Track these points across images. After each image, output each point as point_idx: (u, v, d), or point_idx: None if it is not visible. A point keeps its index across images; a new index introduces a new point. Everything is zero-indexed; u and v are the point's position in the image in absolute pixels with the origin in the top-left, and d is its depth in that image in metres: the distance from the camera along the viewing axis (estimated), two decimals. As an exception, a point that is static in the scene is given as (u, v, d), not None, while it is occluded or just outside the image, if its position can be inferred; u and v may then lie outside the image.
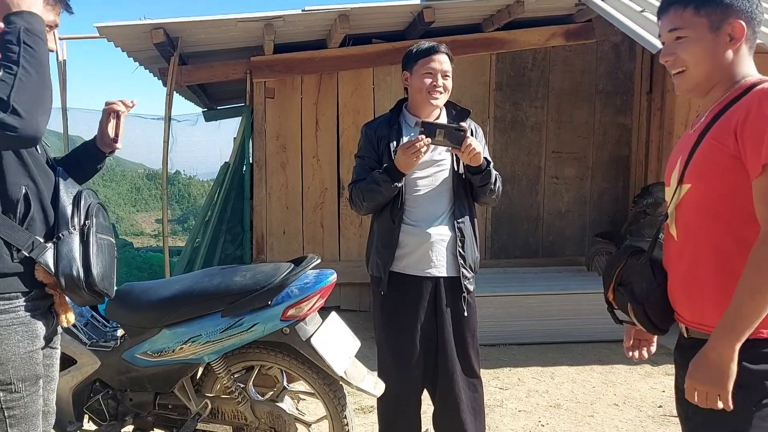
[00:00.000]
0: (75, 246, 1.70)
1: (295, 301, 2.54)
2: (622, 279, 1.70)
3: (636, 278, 1.66)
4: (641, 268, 1.66)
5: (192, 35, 5.22)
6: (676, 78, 1.62)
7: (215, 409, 2.71)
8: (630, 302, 1.66)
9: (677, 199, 1.60)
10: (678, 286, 1.61)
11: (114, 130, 2.04)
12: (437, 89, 2.62)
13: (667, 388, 4.08)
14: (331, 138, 5.85)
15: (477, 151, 2.51)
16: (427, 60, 2.61)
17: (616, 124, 6.27)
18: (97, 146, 2.06)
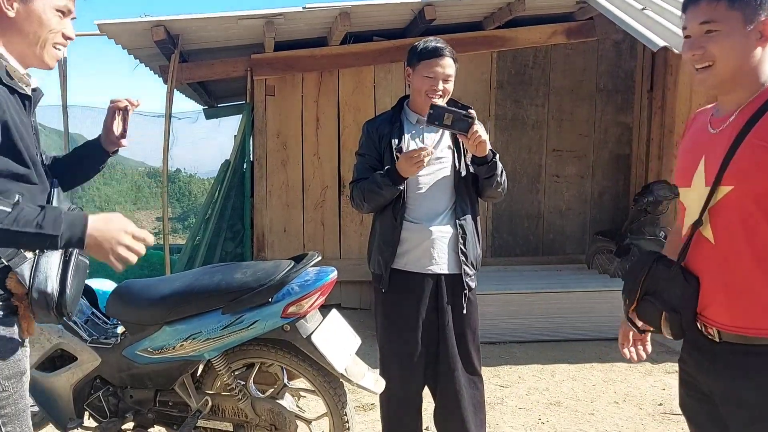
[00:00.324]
0: (54, 262, 1.64)
1: (296, 298, 2.54)
2: (647, 288, 1.67)
3: (667, 286, 1.62)
4: (673, 275, 1.62)
5: (193, 33, 5.22)
6: (701, 73, 1.56)
7: (215, 406, 2.71)
8: (665, 311, 1.61)
9: (713, 201, 1.56)
10: (716, 291, 1.57)
11: (120, 126, 1.98)
12: (437, 93, 2.61)
13: (667, 386, 4.08)
14: (331, 136, 5.85)
15: (483, 138, 2.51)
16: (431, 62, 2.60)
17: (617, 123, 6.26)
18: (101, 145, 1.99)
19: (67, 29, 1.70)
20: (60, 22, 1.67)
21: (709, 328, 1.59)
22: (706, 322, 1.60)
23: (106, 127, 1.97)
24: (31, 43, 1.64)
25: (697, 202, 1.60)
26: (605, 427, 3.54)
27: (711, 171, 1.57)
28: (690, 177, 1.65)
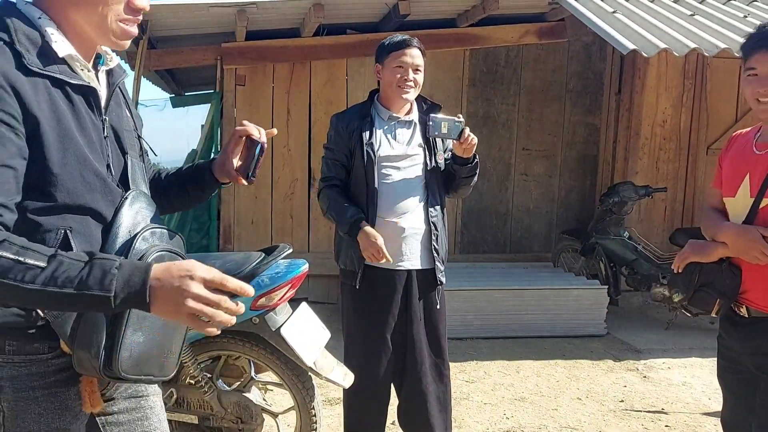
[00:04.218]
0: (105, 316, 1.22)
1: (266, 290, 2.52)
2: (702, 281, 2.06)
3: (719, 278, 2.02)
4: (726, 268, 2.02)
5: (162, 19, 5.11)
6: (763, 105, 1.95)
7: (180, 398, 2.67)
8: (720, 298, 2.02)
9: (755, 209, 1.95)
10: (755, 280, 1.97)
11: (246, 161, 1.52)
12: (408, 83, 2.61)
13: (629, 383, 4.16)
14: (302, 128, 5.81)
15: (475, 142, 2.56)
16: (398, 53, 2.61)
17: (585, 124, 6.35)
18: (213, 172, 1.57)
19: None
20: None
21: (741, 307, 2.01)
22: (744, 303, 1.99)
23: (225, 153, 1.54)
24: (91, 19, 1.26)
25: (742, 209, 1.99)
26: (568, 423, 3.59)
27: (755, 185, 1.96)
28: (735, 189, 2.03)
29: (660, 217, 6.06)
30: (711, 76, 5.91)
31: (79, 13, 1.24)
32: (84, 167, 1.23)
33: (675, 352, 4.74)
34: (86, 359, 1.20)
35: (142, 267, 1.13)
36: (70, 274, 1.10)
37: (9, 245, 1.09)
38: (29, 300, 1.12)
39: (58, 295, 1.09)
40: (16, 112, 1.15)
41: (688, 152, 6.02)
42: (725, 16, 5.21)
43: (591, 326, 5.07)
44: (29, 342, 1.24)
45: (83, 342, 1.20)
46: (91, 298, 1.10)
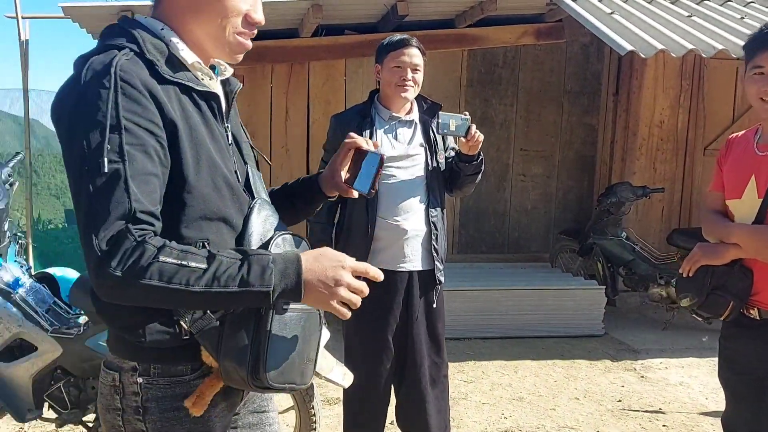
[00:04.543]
0: (250, 322, 1.21)
1: (266, 290, 2.51)
2: (714, 284, 2.07)
3: (732, 280, 2.04)
4: (738, 271, 2.03)
5: (161, 19, 5.11)
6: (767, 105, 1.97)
7: (180, 399, 2.67)
8: (733, 300, 2.03)
9: (765, 209, 1.97)
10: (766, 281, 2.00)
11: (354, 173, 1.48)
12: (407, 83, 2.62)
13: (626, 383, 4.17)
14: (301, 128, 5.81)
15: (481, 139, 2.58)
16: (397, 53, 2.61)
17: (583, 124, 6.37)
18: (319, 185, 1.53)
19: (255, 11, 1.29)
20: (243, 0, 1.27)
21: (751, 309, 2.03)
22: (756, 305, 2.02)
23: (333, 166, 1.50)
24: (209, 30, 1.26)
25: (749, 211, 2.01)
26: (566, 422, 3.60)
27: (763, 185, 1.98)
28: (741, 191, 2.03)
29: (657, 217, 6.08)
30: (708, 77, 5.93)
31: (198, 25, 1.26)
32: (215, 174, 1.24)
33: (672, 352, 4.76)
34: (233, 370, 1.20)
35: (294, 259, 1.16)
36: (231, 272, 1.10)
37: (170, 250, 1.09)
38: (192, 302, 1.13)
39: (221, 294, 1.10)
40: (157, 120, 1.15)
41: (685, 153, 6.04)
42: (722, 18, 5.23)
43: (589, 326, 5.08)
44: (173, 364, 1.25)
45: (229, 352, 1.19)
46: (253, 295, 1.11)
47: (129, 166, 1.10)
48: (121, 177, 1.09)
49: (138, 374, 1.25)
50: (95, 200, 1.08)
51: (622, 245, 5.42)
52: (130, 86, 1.13)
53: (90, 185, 1.09)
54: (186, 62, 1.25)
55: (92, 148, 1.10)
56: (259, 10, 1.30)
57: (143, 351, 1.24)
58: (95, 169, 1.09)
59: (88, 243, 1.07)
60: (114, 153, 1.09)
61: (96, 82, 1.12)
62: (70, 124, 1.14)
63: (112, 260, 1.06)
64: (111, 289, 1.08)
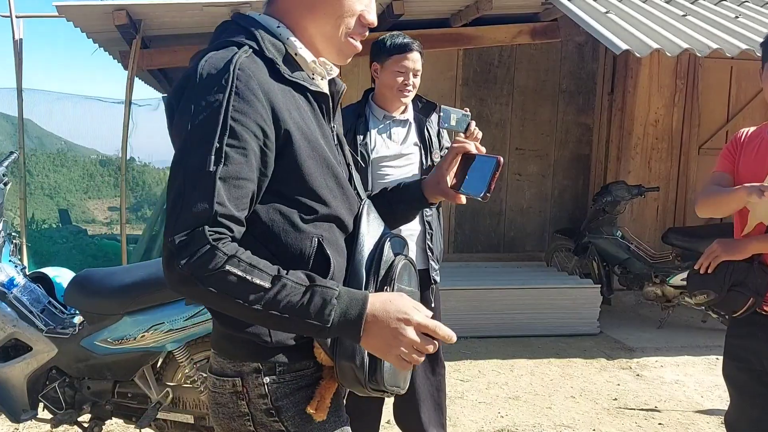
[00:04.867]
0: None
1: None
2: (734, 281, 2.07)
3: (751, 277, 2.04)
4: (757, 267, 2.05)
5: (156, 18, 5.10)
6: None
7: (176, 398, 2.67)
8: (752, 297, 2.04)
9: None
10: None
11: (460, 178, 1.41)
12: (407, 88, 2.62)
13: (622, 381, 4.18)
14: (296, 128, 5.79)
15: (480, 136, 2.58)
16: (401, 57, 2.61)
17: (578, 123, 6.38)
18: (422, 191, 1.47)
19: (369, 12, 1.27)
20: (359, 1, 1.25)
21: (765, 306, 2.05)
22: None
23: (440, 171, 1.43)
24: (324, 30, 1.24)
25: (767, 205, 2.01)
26: (562, 421, 3.61)
27: None
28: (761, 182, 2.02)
29: (652, 216, 6.09)
30: (703, 76, 5.95)
31: (313, 24, 1.24)
32: (328, 174, 1.22)
33: (667, 350, 4.77)
34: (349, 370, 1.18)
35: (360, 300, 1.12)
36: (292, 299, 1.08)
37: (238, 262, 1.07)
38: (248, 317, 1.12)
39: (275, 317, 1.09)
40: (267, 123, 1.13)
41: (680, 152, 6.06)
42: (717, 17, 5.25)
43: (584, 325, 5.09)
44: (296, 359, 1.24)
45: (346, 353, 1.18)
46: (307, 326, 1.10)
47: (223, 168, 1.08)
48: (212, 177, 1.07)
49: (263, 374, 1.22)
50: (183, 195, 1.08)
51: (618, 244, 5.43)
52: (245, 87, 1.11)
53: (182, 183, 1.09)
54: (305, 61, 1.23)
55: (194, 146, 1.09)
56: (373, 11, 1.27)
57: (267, 350, 1.22)
58: (192, 164, 1.09)
59: (166, 234, 1.09)
60: (217, 155, 1.08)
61: (213, 79, 1.11)
62: (181, 117, 1.13)
63: (181, 257, 1.06)
64: (176, 283, 1.08)
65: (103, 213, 13.82)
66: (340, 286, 1.14)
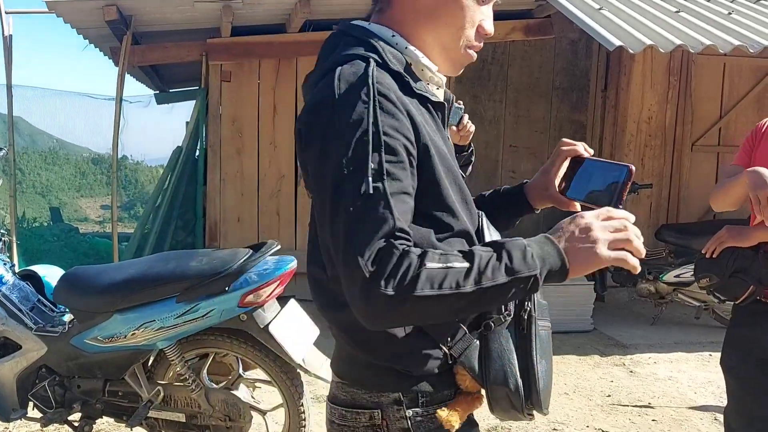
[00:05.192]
0: (510, 342, 1.15)
1: (254, 287, 2.50)
2: (736, 267, 2.10)
3: (756, 265, 2.06)
4: (762, 256, 2.06)
5: (146, 14, 5.06)
6: None
7: (168, 397, 2.64)
8: (753, 284, 2.06)
9: None
10: None
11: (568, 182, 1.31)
12: None
13: (615, 378, 4.18)
14: (289, 124, 5.77)
15: (472, 130, 2.55)
16: None
17: (572, 120, 6.38)
18: (526, 196, 1.39)
19: (488, 22, 1.21)
20: (479, 10, 1.18)
21: None
22: None
23: (547, 176, 1.34)
24: (442, 40, 1.18)
25: None
26: (556, 418, 3.60)
27: None
28: None
29: (645, 213, 6.10)
30: (696, 73, 5.96)
31: (432, 34, 1.17)
32: (455, 188, 1.16)
33: (661, 347, 4.77)
34: (503, 395, 1.12)
35: (540, 237, 1.07)
36: (493, 264, 1.01)
37: (432, 255, 1.01)
38: (463, 306, 1.03)
39: (490, 290, 1.01)
40: (412, 136, 1.08)
41: (673, 149, 6.07)
42: (710, 13, 5.25)
43: (578, 322, 5.09)
44: (439, 389, 1.16)
45: (497, 376, 1.12)
46: (521, 282, 1.02)
47: (389, 184, 1.02)
48: (382, 195, 1.01)
49: (405, 406, 1.14)
50: (356, 221, 1.00)
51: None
52: (387, 100, 1.05)
53: (350, 206, 1.01)
54: (425, 70, 1.17)
55: (353, 166, 1.02)
56: (491, 20, 1.21)
57: (410, 379, 1.15)
58: (356, 189, 1.01)
59: (352, 266, 0.99)
60: (376, 172, 1.01)
61: (353, 95, 1.04)
62: (326, 139, 1.05)
63: (381, 279, 0.97)
64: (383, 311, 0.99)
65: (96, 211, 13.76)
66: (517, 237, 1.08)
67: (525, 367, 1.13)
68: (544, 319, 1.20)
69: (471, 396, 1.17)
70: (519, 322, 1.17)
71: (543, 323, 1.19)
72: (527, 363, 1.14)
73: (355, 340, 1.16)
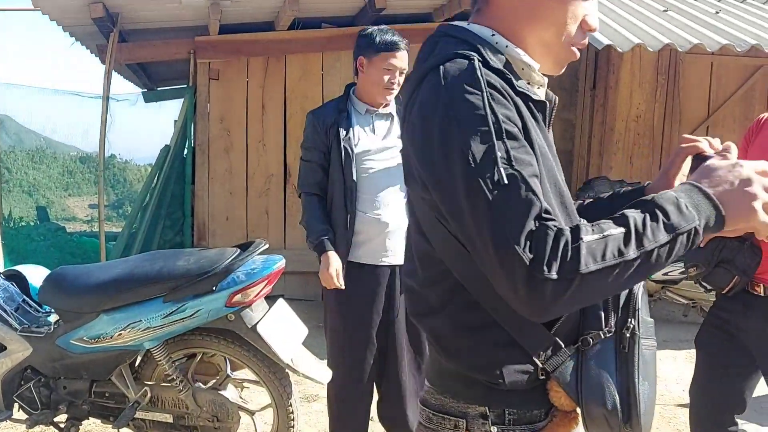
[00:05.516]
0: (610, 360, 1.09)
1: (241, 287, 2.48)
2: (722, 258, 2.12)
3: (740, 256, 2.08)
4: (748, 247, 2.08)
5: (133, 12, 5.02)
6: None
7: (155, 397, 2.62)
8: (738, 275, 2.10)
9: None
10: None
11: None
12: (393, 86, 2.61)
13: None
14: (277, 122, 5.75)
15: None
16: (390, 55, 2.58)
17: (560, 119, 6.38)
18: None
19: (592, 17, 1.15)
20: (582, 5, 1.13)
21: (756, 286, 2.11)
22: (762, 283, 2.10)
23: (667, 177, 1.24)
24: (543, 37, 1.14)
25: None
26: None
27: None
28: None
29: (634, 211, 6.12)
30: (683, 72, 5.98)
31: (533, 32, 1.14)
32: (554, 191, 1.11)
33: (649, 344, 4.79)
34: (600, 415, 1.06)
35: (685, 186, 1.01)
36: (650, 223, 0.96)
37: (585, 227, 0.96)
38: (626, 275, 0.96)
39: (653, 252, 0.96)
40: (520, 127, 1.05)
41: (661, 147, 6.09)
42: (697, 12, 5.28)
43: (567, 320, 5.09)
44: (528, 408, 1.11)
45: (594, 394, 1.06)
46: (683, 237, 0.97)
47: (522, 168, 0.98)
48: (520, 180, 0.97)
49: (490, 422, 1.10)
50: (501, 211, 0.97)
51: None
52: (497, 92, 1.03)
53: (489, 198, 0.97)
54: (528, 69, 1.14)
55: (482, 158, 0.98)
56: (595, 16, 1.16)
57: (498, 394, 1.10)
58: (490, 180, 0.97)
59: (508, 258, 0.95)
60: (506, 160, 0.98)
61: (464, 89, 1.02)
62: (444, 137, 1.02)
63: (542, 264, 0.93)
64: (552, 298, 0.94)
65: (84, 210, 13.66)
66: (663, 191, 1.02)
67: (625, 388, 1.07)
68: (649, 337, 1.13)
69: (568, 416, 1.11)
70: (621, 339, 1.11)
71: (648, 342, 1.12)
72: (628, 383, 1.08)
73: (442, 348, 1.14)
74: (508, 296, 0.97)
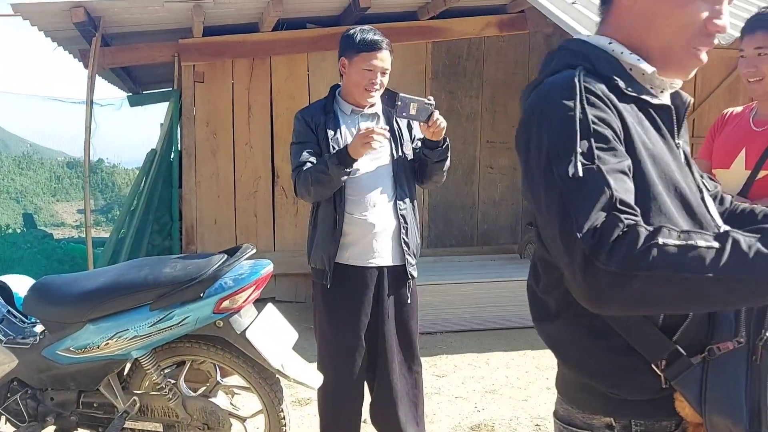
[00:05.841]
0: (741, 372, 1.02)
1: (229, 293, 2.45)
2: None
3: None
4: None
5: (115, 15, 4.97)
6: (753, 84, 2.14)
7: (144, 406, 2.59)
8: None
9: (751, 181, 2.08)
10: None
11: None
12: (374, 87, 2.58)
13: (597, 371, 4.19)
14: (264, 124, 5.71)
15: (443, 126, 2.50)
16: (370, 56, 2.55)
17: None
18: None
19: (718, 17, 1.11)
20: (703, 6, 1.10)
21: None
22: None
23: None
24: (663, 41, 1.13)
25: (736, 181, 2.12)
26: (539, 413, 3.60)
27: (752, 158, 2.12)
28: (730, 162, 2.17)
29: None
30: (669, 65, 5.99)
31: (651, 36, 1.14)
32: (674, 197, 1.08)
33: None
34: (724, 428, 1.01)
35: None
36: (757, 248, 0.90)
37: (668, 230, 0.93)
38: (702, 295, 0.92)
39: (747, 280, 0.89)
40: (621, 134, 1.05)
41: (648, 141, 6.10)
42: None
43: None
44: (656, 418, 1.07)
45: (719, 405, 1.01)
46: None
47: (601, 162, 0.99)
48: (596, 173, 0.98)
49: None
50: (570, 200, 0.98)
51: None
52: (594, 96, 1.06)
53: (560, 190, 0.99)
54: (645, 72, 1.14)
55: (562, 155, 1.01)
56: (722, 14, 1.12)
57: (622, 404, 1.08)
58: (566, 174, 0.99)
59: (570, 244, 0.95)
60: (586, 155, 1.00)
61: (560, 95, 1.06)
62: (536, 137, 1.07)
63: (601, 253, 0.91)
64: (606, 291, 0.92)
65: (72, 216, 13.55)
66: None
67: (755, 402, 1.01)
68: None
69: (700, 428, 1.06)
70: (753, 350, 1.03)
71: None
72: (758, 397, 1.01)
73: (561, 355, 1.15)
74: (570, 284, 0.97)
